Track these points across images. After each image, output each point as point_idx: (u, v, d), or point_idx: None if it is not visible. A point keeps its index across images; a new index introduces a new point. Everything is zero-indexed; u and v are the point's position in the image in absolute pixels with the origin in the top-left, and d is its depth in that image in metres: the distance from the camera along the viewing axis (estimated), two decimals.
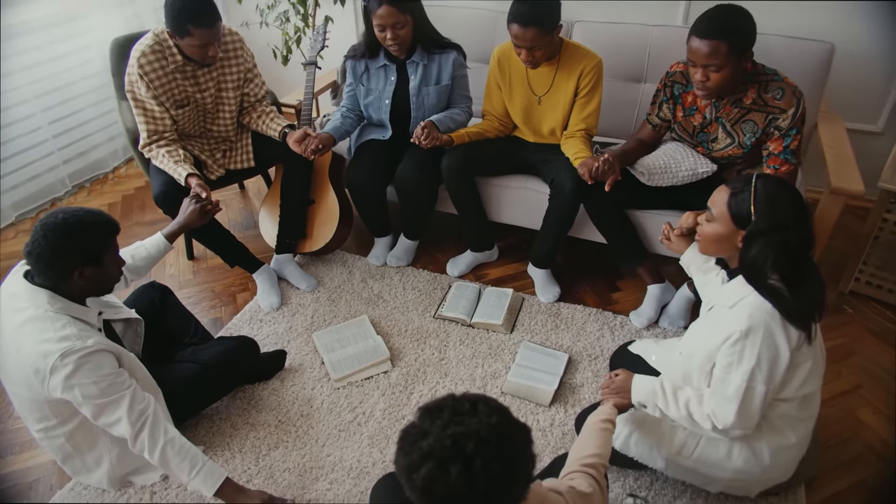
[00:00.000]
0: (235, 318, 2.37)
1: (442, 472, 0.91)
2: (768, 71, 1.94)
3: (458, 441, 0.92)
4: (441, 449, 0.92)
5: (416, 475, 0.92)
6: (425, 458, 0.92)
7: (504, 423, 0.95)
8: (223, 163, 2.49)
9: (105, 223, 1.58)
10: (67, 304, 1.57)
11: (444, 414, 0.96)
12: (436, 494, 0.92)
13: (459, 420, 0.94)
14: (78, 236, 1.51)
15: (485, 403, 0.97)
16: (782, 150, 1.93)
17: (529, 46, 2.10)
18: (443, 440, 0.92)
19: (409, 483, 0.95)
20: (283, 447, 1.89)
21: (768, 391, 1.43)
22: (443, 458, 0.91)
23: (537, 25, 2.05)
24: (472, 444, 0.91)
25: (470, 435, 0.92)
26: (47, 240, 1.49)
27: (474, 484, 0.90)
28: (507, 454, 0.93)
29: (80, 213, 1.54)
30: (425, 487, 0.92)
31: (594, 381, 2.08)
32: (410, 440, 0.96)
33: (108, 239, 1.59)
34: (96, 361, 1.53)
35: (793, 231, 1.39)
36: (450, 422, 0.94)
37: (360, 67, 2.43)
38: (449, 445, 0.92)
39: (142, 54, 2.15)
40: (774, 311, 1.40)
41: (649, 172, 2.13)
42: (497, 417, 0.95)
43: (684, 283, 2.32)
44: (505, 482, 0.92)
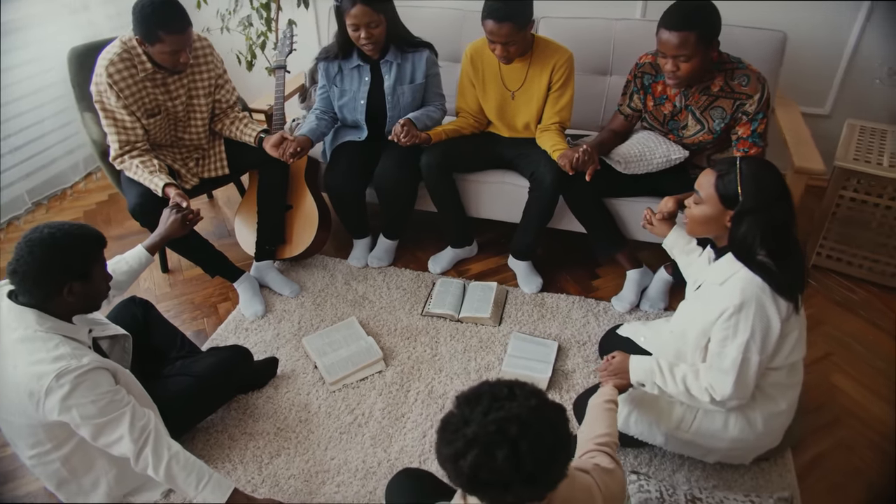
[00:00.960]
0: (220, 329, 2.33)
1: (488, 458, 0.93)
2: (733, 59, 2.04)
3: (501, 426, 0.94)
4: (486, 435, 0.94)
5: (462, 462, 0.95)
6: (470, 444, 0.94)
7: (543, 405, 0.98)
8: (196, 171, 2.43)
9: (92, 236, 1.53)
10: (57, 322, 1.52)
11: (483, 401, 0.98)
12: (483, 479, 0.95)
13: (500, 405, 0.97)
14: (65, 251, 1.46)
15: (521, 387, 1.00)
16: (750, 133, 2.03)
17: (504, 42, 2.14)
18: (486, 426, 0.95)
19: (454, 471, 0.97)
20: (286, 454, 1.87)
21: (762, 361, 1.51)
22: (488, 443, 0.94)
23: (512, 21, 2.09)
24: (516, 428, 0.94)
25: (512, 419, 0.95)
26: (33, 256, 1.43)
27: (520, 466, 0.93)
28: (549, 435, 0.96)
29: (66, 226, 1.49)
30: (472, 474, 0.94)
31: (585, 367, 2.14)
32: (452, 429, 0.98)
33: (96, 252, 1.54)
34: (93, 380, 1.48)
35: (777, 208, 1.47)
36: (490, 408, 0.97)
37: (332, 69, 2.42)
38: (493, 431, 0.94)
39: (110, 63, 2.09)
40: (764, 285, 1.48)
41: (625, 161, 2.20)
42: (535, 400, 0.98)
43: (661, 267, 2.41)
44: (548, 462, 0.96)
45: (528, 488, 0.96)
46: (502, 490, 0.97)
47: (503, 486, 0.95)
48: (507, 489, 0.96)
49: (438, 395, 2.05)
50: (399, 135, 2.24)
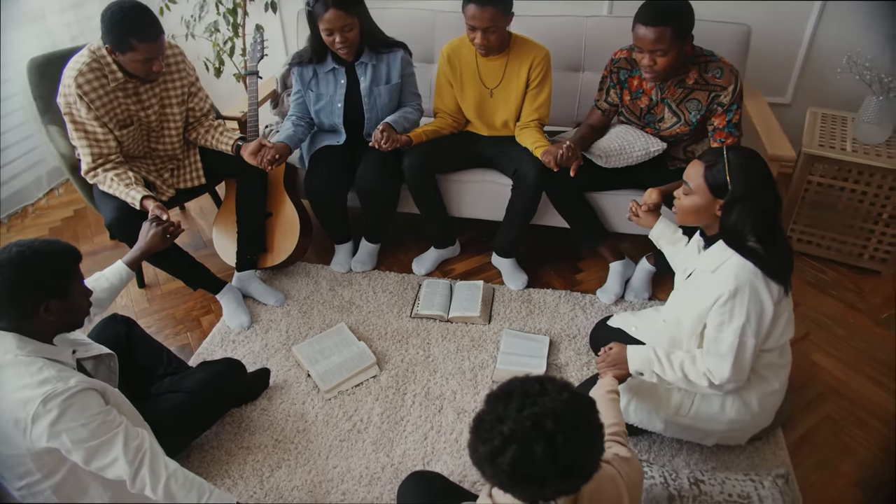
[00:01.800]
0: (205, 343, 2.27)
1: (527, 453, 0.94)
2: (706, 52, 2.10)
3: (537, 421, 0.95)
4: (522, 430, 0.94)
5: (501, 459, 0.95)
6: (507, 441, 0.95)
7: (574, 398, 0.99)
8: (172, 182, 2.37)
9: (65, 251, 1.47)
10: (38, 345, 1.46)
11: (515, 397, 0.99)
12: (522, 475, 0.95)
13: (532, 401, 0.97)
14: (38, 268, 1.40)
15: (551, 382, 1.01)
16: (726, 124, 2.09)
17: (486, 27, 2.14)
18: (522, 422, 0.95)
19: (492, 468, 0.97)
20: (286, 466, 1.84)
21: (757, 343, 1.56)
22: (525, 438, 0.94)
23: (494, 5, 2.10)
24: (551, 422, 0.95)
25: (547, 413, 0.95)
26: (4, 277, 1.36)
27: (557, 459, 0.94)
28: (583, 427, 0.97)
29: (36, 243, 1.42)
30: (511, 470, 0.94)
31: (577, 360, 2.17)
32: (487, 427, 0.98)
33: (70, 267, 1.48)
34: (82, 402, 1.42)
35: (764, 195, 1.52)
36: (524, 404, 0.97)
37: (307, 73, 2.39)
38: (529, 426, 0.95)
39: (79, 73, 2.01)
40: (756, 270, 1.53)
41: (606, 155, 2.24)
42: (567, 393, 0.99)
43: (642, 258, 2.46)
44: (584, 454, 0.97)
45: (565, 481, 0.97)
46: (539, 485, 0.97)
47: (541, 480, 0.96)
48: (544, 483, 0.97)
49: (436, 397, 2.04)
50: (379, 141, 2.23)
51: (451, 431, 1.93)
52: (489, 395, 1.02)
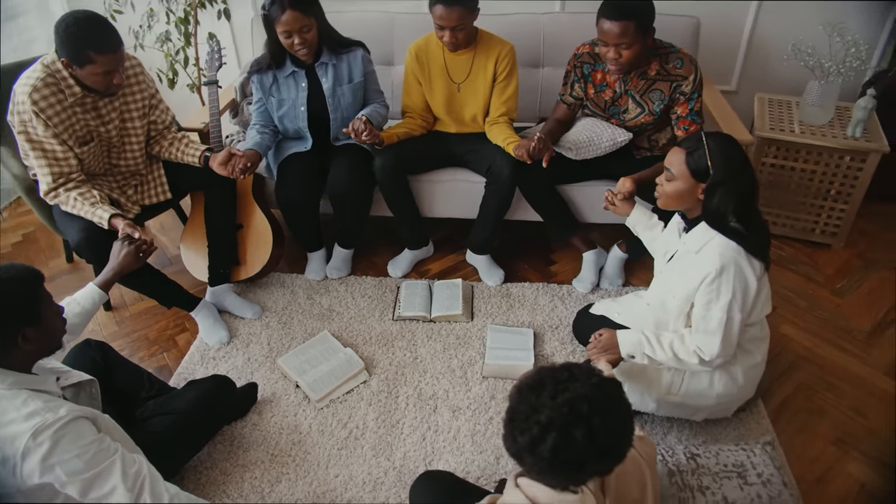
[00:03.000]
0: (184, 362, 2.20)
1: (567, 439, 0.96)
2: (665, 44, 2.18)
3: (572, 407, 0.97)
4: (560, 417, 0.97)
5: (541, 447, 0.97)
6: (546, 429, 0.97)
7: (604, 382, 1.02)
8: (137, 199, 2.28)
9: (27, 274, 1.39)
10: (18, 376, 1.38)
11: (547, 386, 1.01)
12: (562, 461, 0.97)
13: (564, 387, 1.00)
14: (4, 299, 1.33)
15: (578, 368, 1.04)
16: (689, 112, 2.17)
17: (454, 27, 2.17)
18: (559, 409, 0.97)
19: (532, 458, 0.99)
20: (286, 480, 1.80)
21: (743, 319, 1.64)
22: (564, 424, 0.96)
23: (461, 5, 2.13)
24: (587, 406, 0.97)
25: (581, 398, 0.98)
26: None
27: (595, 442, 0.97)
28: (616, 409, 1.00)
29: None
30: (553, 457, 0.96)
31: (562, 349, 2.22)
32: (523, 418, 1.00)
33: (38, 290, 1.41)
34: (75, 431, 1.36)
35: (744, 178, 1.60)
36: (556, 391, 0.99)
37: (267, 80, 2.35)
38: (566, 412, 0.97)
39: (33, 89, 1.91)
40: (739, 248, 1.60)
41: (576, 147, 2.29)
42: (595, 378, 1.02)
43: (613, 246, 2.53)
44: (619, 435, 1.00)
45: (602, 463, 1.00)
46: (578, 470, 1.00)
47: (580, 464, 0.99)
48: (582, 468, 0.99)
49: (428, 397, 2.05)
50: (359, 130, 2.20)
51: (448, 430, 1.94)
52: (519, 388, 1.04)
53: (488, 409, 2.00)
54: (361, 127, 2.19)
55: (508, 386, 2.07)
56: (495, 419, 1.96)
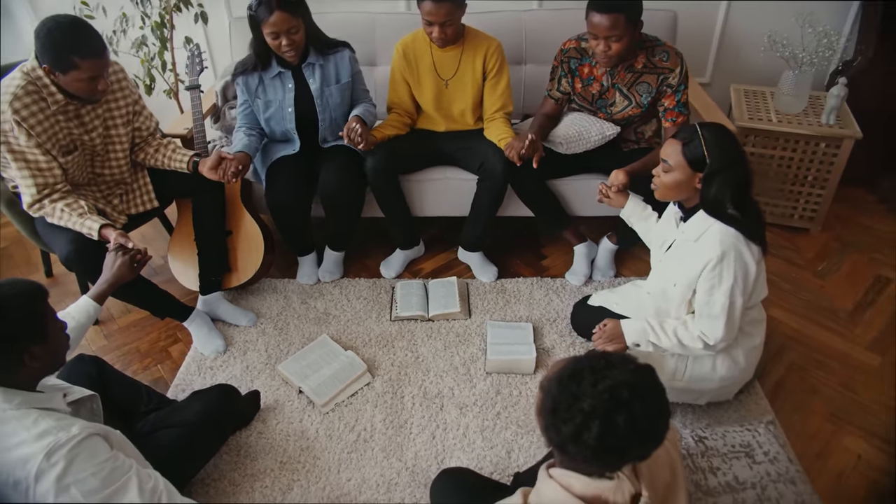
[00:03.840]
0: (181, 373, 2.15)
1: (611, 425, 0.97)
2: (651, 38, 2.23)
3: (613, 393, 0.98)
4: (602, 404, 0.98)
5: (586, 435, 0.98)
6: (590, 417, 0.98)
7: (640, 368, 1.04)
8: (123, 209, 2.22)
9: (32, 290, 1.34)
10: (27, 395, 1.34)
11: (586, 374, 1.02)
12: (606, 447, 0.99)
13: (603, 375, 1.01)
14: (10, 316, 1.28)
15: (613, 355, 1.05)
16: (676, 103, 2.22)
17: (442, 22, 2.17)
18: (600, 396, 0.98)
19: (576, 446, 1.00)
20: (298, 487, 1.78)
21: (744, 302, 1.69)
22: (607, 411, 0.97)
23: (450, 1, 2.14)
24: (627, 392, 0.99)
25: (620, 385, 0.99)
26: None
27: (638, 427, 0.98)
28: (654, 393, 1.02)
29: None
30: (598, 444, 0.98)
31: (562, 342, 2.24)
32: (565, 408, 1.01)
33: (43, 306, 1.37)
34: (89, 450, 1.32)
35: (739, 166, 1.65)
36: (596, 379, 1.00)
37: (253, 81, 2.31)
38: (608, 399, 0.98)
39: (14, 98, 1.85)
40: (738, 234, 1.65)
41: (566, 142, 2.32)
42: (632, 364, 1.03)
43: (603, 238, 2.57)
44: (658, 419, 1.02)
45: (643, 447, 1.02)
46: (621, 455, 1.01)
47: (623, 450, 1.00)
48: (625, 453, 1.01)
49: (434, 396, 2.05)
50: (354, 132, 2.19)
51: (457, 427, 1.94)
52: (559, 379, 1.05)
53: (495, 405, 2.01)
54: (358, 128, 2.18)
55: (513, 381, 2.09)
56: (503, 414, 1.98)
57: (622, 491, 1.10)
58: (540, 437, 1.87)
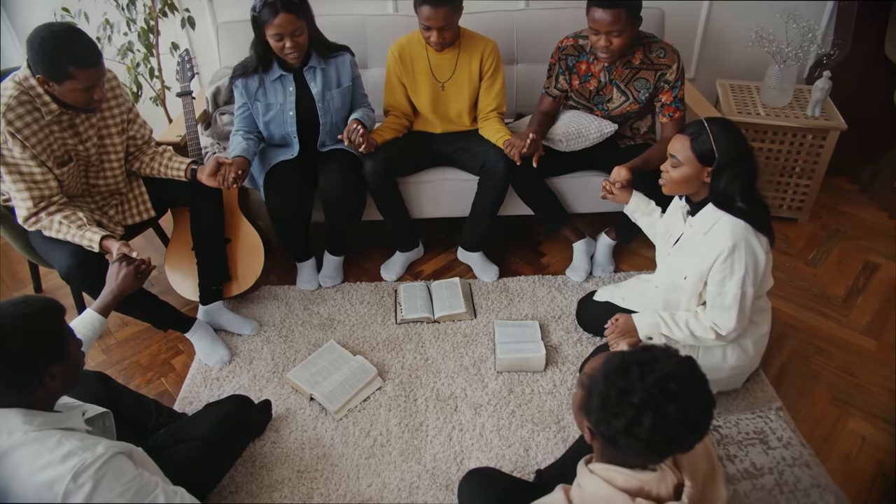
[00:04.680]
0: (186, 386, 2.11)
1: (662, 417, 0.98)
2: (647, 35, 2.26)
3: (662, 386, 1.00)
4: (652, 397, 0.99)
5: (638, 429, 0.99)
6: (641, 410, 0.99)
7: (684, 360, 1.05)
8: (119, 220, 2.17)
9: (50, 307, 1.30)
10: (46, 416, 1.30)
11: (633, 369, 1.03)
12: (658, 439, 1.00)
13: (650, 368, 1.02)
14: (31, 337, 1.23)
15: (657, 349, 1.07)
16: (673, 99, 2.26)
17: (441, 26, 2.17)
18: (649, 390, 1.00)
19: (628, 439, 1.01)
20: (318, 495, 1.76)
21: (754, 292, 1.72)
22: (657, 404, 0.99)
23: (448, 5, 2.14)
24: (674, 384, 1.00)
25: (668, 377, 1.01)
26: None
27: (687, 417, 1.00)
28: (700, 383, 1.04)
29: (11, 308, 1.23)
30: (650, 436, 0.99)
31: (568, 338, 2.26)
32: (615, 402, 1.02)
33: (61, 323, 1.33)
34: (115, 469, 1.29)
35: (747, 159, 1.68)
36: (643, 373, 1.02)
37: (253, 84, 2.28)
38: (657, 392, 0.99)
39: (8, 109, 1.79)
40: (748, 226, 1.68)
41: (566, 139, 2.34)
42: (676, 356, 1.05)
43: (601, 233, 2.60)
44: (706, 408, 1.03)
45: (692, 437, 1.03)
46: (671, 445, 1.03)
47: (673, 440, 1.02)
48: (675, 443, 1.03)
49: (447, 397, 2.04)
50: (355, 134, 2.18)
51: (473, 427, 1.94)
52: (605, 374, 1.05)
53: (508, 404, 2.01)
54: (360, 129, 2.16)
55: (524, 378, 2.10)
56: (517, 412, 1.98)
57: (666, 482, 1.11)
58: (557, 433, 1.91)
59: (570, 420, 1.95)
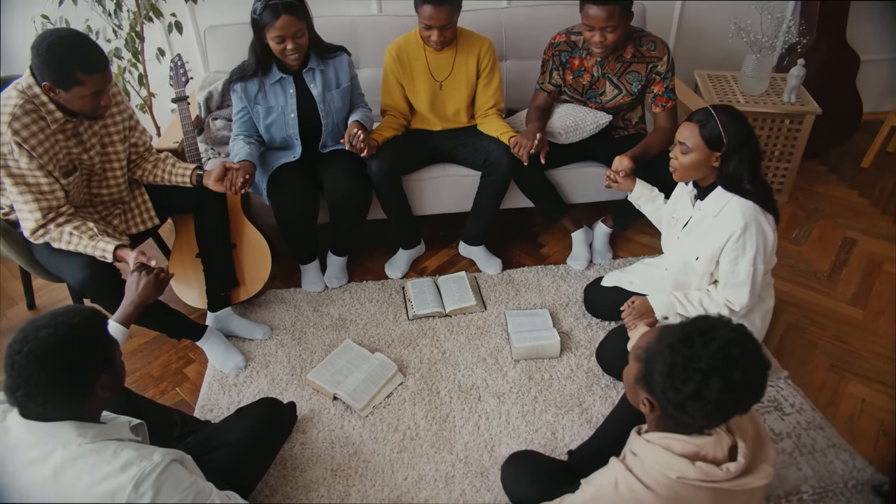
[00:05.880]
0: (204, 394, 2.08)
1: (729, 380, 1.05)
2: (637, 29, 2.34)
3: (725, 351, 1.06)
4: (717, 362, 1.05)
5: (707, 392, 1.05)
6: (708, 375, 1.05)
7: (738, 326, 1.12)
8: (123, 229, 2.13)
9: (96, 317, 1.29)
10: (98, 427, 1.28)
11: (695, 337, 1.09)
12: (726, 401, 1.06)
13: (712, 336, 1.08)
14: (82, 346, 1.20)
15: (714, 318, 1.13)
16: (665, 90, 2.35)
17: (442, 25, 2.21)
18: (714, 355, 1.06)
19: (696, 404, 1.07)
20: (356, 492, 1.77)
21: (764, 269, 1.82)
22: (723, 368, 1.05)
23: (449, 4, 2.18)
24: (736, 349, 1.07)
25: (729, 343, 1.07)
26: (46, 369, 1.15)
27: (751, 379, 1.07)
28: (756, 347, 1.10)
29: (60, 318, 1.20)
30: (719, 399, 1.05)
31: (578, 324, 2.32)
32: (681, 369, 1.07)
33: (106, 332, 1.32)
34: (173, 476, 1.28)
35: (752, 142, 1.77)
36: (705, 340, 1.08)
37: (252, 87, 2.26)
38: (721, 357, 1.06)
39: (13, 118, 1.73)
40: (756, 206, 1.77)
41: (565, 132, 2.41)
42: (731, 323, 1.11)
43: (597, 222, 2.68)
44: (765, 369, 1.10)
45: (753, 398, 1.10)
46: (735, 408, 1.10)
47: (737, 402, 1.08)
48: (738, 405, 1.09)
49: (469, 388, 2.08)
50: (355, 139, 2.20)
51: (498, 415, 1.98)
52: (669, 344, 1.11)
53: (530, 390, 2.06)
54: (360, 134, 2.19)
55: (541, 365, 2.15)
56: (539, 398, 2.03)
57: (721, 445, 1.18)
58: (581, 415, 1.97)
59: (592, 402, 2.02)
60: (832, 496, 1.71)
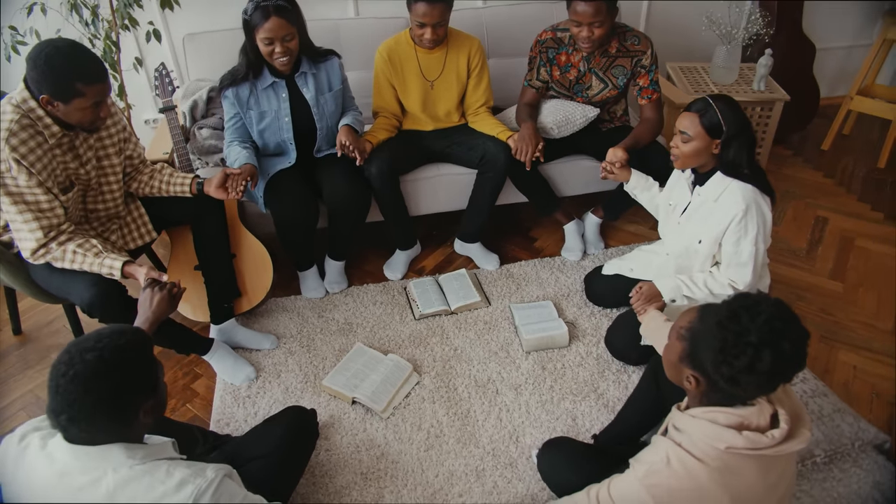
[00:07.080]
0: (217, 408, 2.04)
1: (779, 351, 1.11)
2: (620, 24, 2.42)
3: (772, 325, 1.13)
4: (766, 334, 1.12)
5: (759, 364, 1.11)
6: (760, 348, 1.11)
7: (777, 300, 1.18)
8: (122, 244, 2.06)
9: (142, 339, 1.25)
10: (147, 448, 1.24)
11: (742, 313, 1.15)
12: (776, 371, 1.13)
13: (757, 311, 1.15)
14: (127, 369, 1.17)
15: (753, 295, 1.19)
16: (650, 82, 2.43)
17: (436, 23, 2.23)
18: (762, 328, 1.12)
19: (749, 377, 1.12)
20: (389, 493, 1.77)
21: (765, 249, 1.91)
22: (772, 340, 1.11)
23: (443, 1, 2.21)
24: (780, 323, 1.13)
25: (773, 317, 1.13)
26: (91, 393, 1.12)
27: (798, 349, 1.13)
28: (797, 320, 1.17)
29: (105, 340, 1.16)
30: (771, 369, 1.11)
31: (581, 313, 2.38)
32: (732, 344, 1.13)
33: (151, 355, 1.29)
34: (228, 490, 1.26)
35: (749, 129, 1.86)
36: (752, 316, 1.14)
37: (244, 92, 2.22)
38: (768, 330, 1.12)
39: (10, 134, 1.66)
40: (755, 189, 1.86)
41: (557, 127, 2.46)
42: (771, 298, 1.18)
43: (587, 213, 2.75)
44: (806, 340, 1.16)
45: (798, 368, 1.17)
46: (783, 378, 1.16)
47: (785, 372, 1.15)
48: (785, 374, 1.15)
49: (486, 382, 2.10)
50: (346, 145, 2.20)
51: (518, 407, 2.02)
52: (718, 321, 1.16)
53: (545, 380, 2.10)
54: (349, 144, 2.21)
55: (552, 355, 2.19)
56: (555, 387, 2.08)
57: (763, 413, 1.24)
58: (597, 400, 2.02)
59: (606, 387, 2.07)
60: (840, 457, 1.82)
